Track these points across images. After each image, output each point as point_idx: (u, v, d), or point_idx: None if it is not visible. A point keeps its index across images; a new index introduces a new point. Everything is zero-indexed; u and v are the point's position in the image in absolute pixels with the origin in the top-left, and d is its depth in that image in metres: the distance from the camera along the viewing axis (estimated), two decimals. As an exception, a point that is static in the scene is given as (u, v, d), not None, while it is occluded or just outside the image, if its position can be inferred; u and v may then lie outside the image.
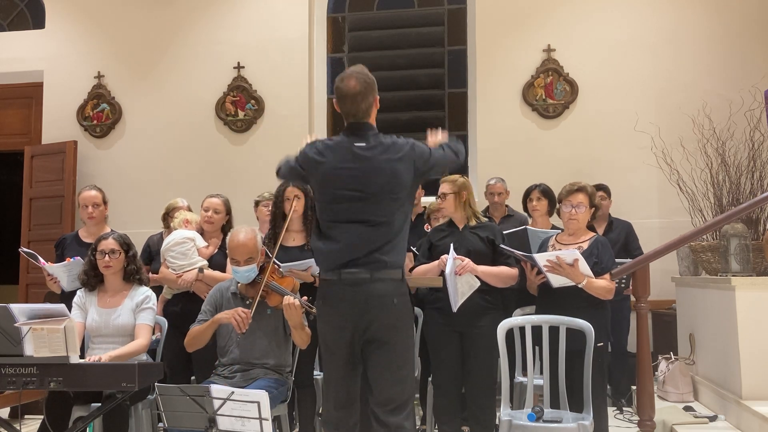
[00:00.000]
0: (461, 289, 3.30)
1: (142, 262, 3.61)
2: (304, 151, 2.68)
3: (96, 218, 3.93)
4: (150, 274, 4.05)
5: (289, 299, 3.07)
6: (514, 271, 3.41)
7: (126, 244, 3.44)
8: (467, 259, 3.30)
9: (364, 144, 2.60)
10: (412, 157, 2.61)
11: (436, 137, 2.77)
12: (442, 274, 3.30)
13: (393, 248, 2.58)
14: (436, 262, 3.38)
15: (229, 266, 3.82)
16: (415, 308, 3.69)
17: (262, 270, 3.24)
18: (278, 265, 3.39)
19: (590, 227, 3.51)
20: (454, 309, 3.27)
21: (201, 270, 3.74)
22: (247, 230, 3.23)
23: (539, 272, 3.27)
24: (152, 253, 4.15)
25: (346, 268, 2.54)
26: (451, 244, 3.33)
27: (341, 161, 2.59)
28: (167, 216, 4.30)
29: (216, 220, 3.94)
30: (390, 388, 2.55)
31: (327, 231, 2.62)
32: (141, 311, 3.37)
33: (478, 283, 3.31)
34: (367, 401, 2.62)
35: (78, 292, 3.46)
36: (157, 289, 3.95)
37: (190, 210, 4.23)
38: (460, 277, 3.28)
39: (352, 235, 2.56)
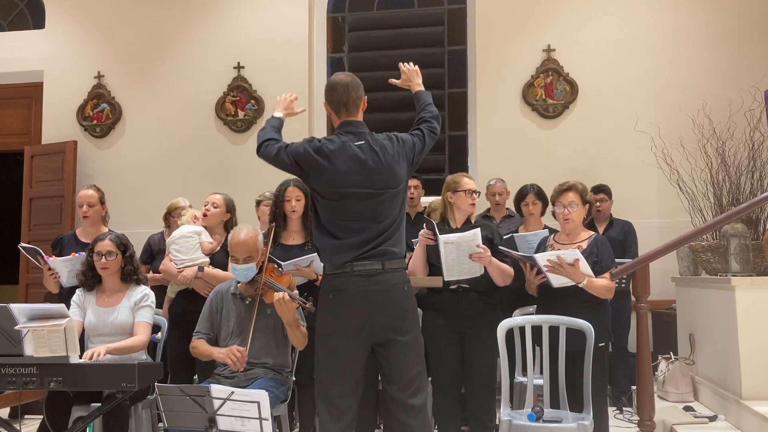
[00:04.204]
0: (464, 268, 3.29)
1: (139, 262, 3.59)
2: (302, 150, 2.70)
3: (90, 218, 3.87)
4: (151, 273, 4.05)
5: (278, 294, 3.02)
6: (511, 270, 3.43)
7: (123, 245, 3.42)
8: (488, 251, 3.30)
9: (363, 143, 2.70)
10: (403, 153, 2.76)
11: (412, 71, 3.14)
12: (435, 245, 3.31)
13: (398, 239, 2.72)
14: (418, 248, 3.41)
15: (230, 265, 3.83)
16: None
17: (261, 269, 3.24)
18: (278, 263, 3.38)
19: (591, 227, 3.51)
20: (446, 278, 3.31)
21: (201, 269, 3.73)
22: (249, 229, 3.21)
23: (539, 272, 3.27)
24: (153, 252, 4.15)
25: (358, 261, 2.62)
26: (479, 228, 3.32)
27: (346, 163, 2.65)
28: (168, 215, 4.30)
29: (211, 214, 3.88)
30: (410, 370, 2.65)
31: (334, 228, 2.68)
32: (139, 309, 3.36)
33: (481, 272, 3.32)
34: (375, 396, 2.64)
35: (77, 291, 3.46)
36: (162, 288, 3.95)
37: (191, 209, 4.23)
38: (470, 260, 3.28)
39: (361, 230, 2.64)
